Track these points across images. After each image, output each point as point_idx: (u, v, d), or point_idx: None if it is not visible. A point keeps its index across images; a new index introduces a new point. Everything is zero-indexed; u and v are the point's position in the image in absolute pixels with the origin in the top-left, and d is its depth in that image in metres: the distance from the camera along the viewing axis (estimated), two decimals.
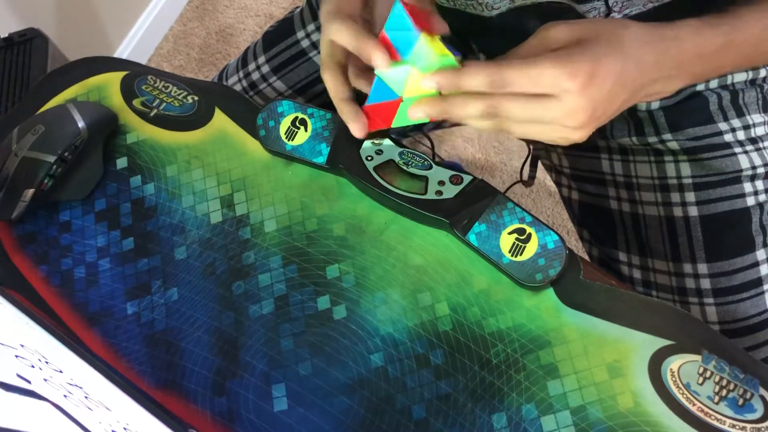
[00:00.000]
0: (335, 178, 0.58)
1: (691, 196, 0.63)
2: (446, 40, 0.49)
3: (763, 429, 0.44)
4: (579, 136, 0.46)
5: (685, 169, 0.63)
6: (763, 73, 0.62)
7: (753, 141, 0.62)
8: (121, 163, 0.63)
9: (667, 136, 0.63)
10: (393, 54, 0.48)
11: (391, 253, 0.55)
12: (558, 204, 1.39)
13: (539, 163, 0.75)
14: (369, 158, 0.56)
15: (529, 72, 0.43)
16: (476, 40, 0.70)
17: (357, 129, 0.53)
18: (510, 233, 0.52)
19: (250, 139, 0.61)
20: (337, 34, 0.51)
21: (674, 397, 0.46)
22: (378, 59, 0.48)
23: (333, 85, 0.54)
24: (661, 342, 0.48)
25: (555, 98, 0.44)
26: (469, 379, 0.49)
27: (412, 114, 0.48)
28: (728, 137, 0.62)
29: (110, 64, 0.69)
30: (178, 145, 0.62)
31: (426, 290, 0.53)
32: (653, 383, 0.47)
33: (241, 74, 0.79)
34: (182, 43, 1.78)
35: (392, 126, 0.52)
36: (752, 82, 0.62)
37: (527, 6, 0.56)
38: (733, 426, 0.45)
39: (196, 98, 0.64)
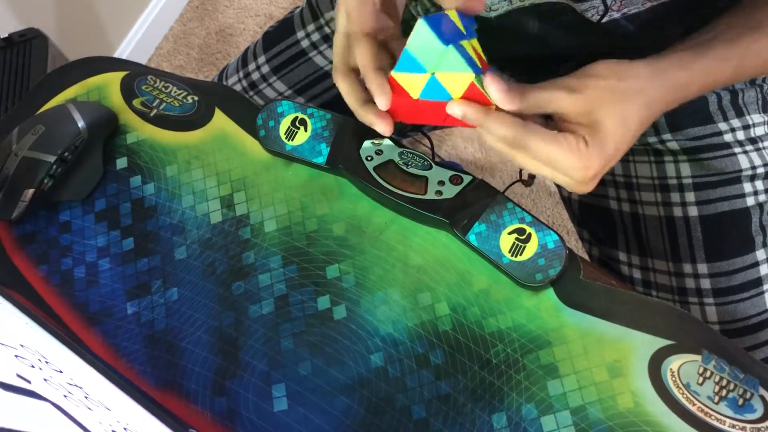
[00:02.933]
0: (335, 178, 0.58)
1: (690, 196, 0.63)
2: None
3: (762, 429, 0.44)
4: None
5: (685, 169, 0.63)
6: None
7: (753, 141, 0.62)
8: (121, 163, 0.63)
9: (667, 136, 0.63)
10: (401, 90, 0.48)
11: (391, 253, 0.54)
12: (558, 204, 1.39)
13: None
14: (369, 158, 0.56)
15: (549, 150, 0.46)
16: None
17: (385, 128, 0.50)
18: (510, 233, 0.52)
19: (250, 139, 0.61)
20: (358, 55, 0.50)
21: (674, 397, 0.46)
22: (380, 102, 0.49)
23: (349, 90, 0.52)
24: (661, 342, 0.48)
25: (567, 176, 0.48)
26: (469, 379, 0.49)
27: (451, 110, 0.48)
28: (728, 137, 0.62)
29: (110, 64, 0.69)
30: (178, 145, 0.62)
31: (426, 290, 0.53)
32: (653, 383, 0.47)
33: (241, 74, 0.79)
34: (182, 43, 1.78)
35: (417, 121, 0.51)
36: (752, 82, 0.62)
37: (526, 7, 0.56)
38: (733, 426, 0.45)
39: (196, 98, 0.64)
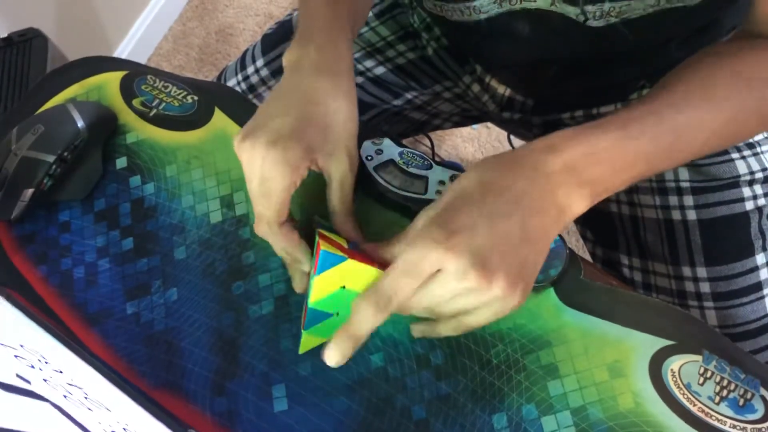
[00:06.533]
0: None
1: (689, 200, 0.63)
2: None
3: (763, 429, 0.44)
4: (498, 292, 0.39)
5: (683, 173, 0.63)
6: None
7: (750, 146, 0.62)
8: (121, 163, 0.63)
9: None
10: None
11: None
12: None
13: None
14: (369, 158, 0.56)
15: (405, 259, 0.40)
16: (470, 50, 0.70)
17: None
18: None
19: None
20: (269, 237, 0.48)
21: (675, 398, 0.46)
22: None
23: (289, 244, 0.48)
24: (662, 342, 0.48)
25: (440, 272, 0.40)
26: (469, 380, 0.49)
27: (330, 359, 0.42)
28: None
29: (109, 63, 0.69)
30: (178, 145, 0.62)
31: None
32: (654, 383, 0.47)
33: (239, 77, 0.79)
34: (182, 43, 1.78)
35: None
36: None
37: (516, 11, 0.56)
38: (734, 426, 0.45)
39: (195, 98, 0.64)
